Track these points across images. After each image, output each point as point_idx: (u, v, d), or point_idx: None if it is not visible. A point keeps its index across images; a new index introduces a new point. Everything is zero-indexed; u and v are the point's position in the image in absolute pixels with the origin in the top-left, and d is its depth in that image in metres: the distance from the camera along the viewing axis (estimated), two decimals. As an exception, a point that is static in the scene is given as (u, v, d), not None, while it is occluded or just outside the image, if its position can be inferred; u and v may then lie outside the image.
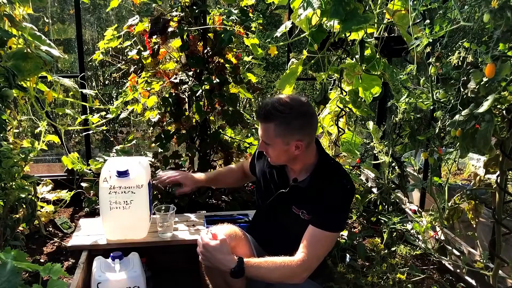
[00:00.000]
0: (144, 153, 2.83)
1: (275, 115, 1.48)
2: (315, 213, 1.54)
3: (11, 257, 0.98)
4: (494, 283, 1.60)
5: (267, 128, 1.50)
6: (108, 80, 5.35)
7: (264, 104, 1.52)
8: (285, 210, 1.64)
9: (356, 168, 2.85)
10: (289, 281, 1.50)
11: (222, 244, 1.47)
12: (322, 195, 1.54)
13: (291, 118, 1.48)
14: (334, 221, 1.54)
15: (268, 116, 1.49)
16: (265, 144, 1.55)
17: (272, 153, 1.55)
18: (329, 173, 1.60)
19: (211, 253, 1.46)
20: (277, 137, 1.50)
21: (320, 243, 1.52)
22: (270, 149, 1.55)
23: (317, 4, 1.69)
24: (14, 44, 2.05)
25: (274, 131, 1.49)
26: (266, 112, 1.49)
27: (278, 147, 1.52)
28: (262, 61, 3.28)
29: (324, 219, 1.52)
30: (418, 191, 2.65)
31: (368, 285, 1.76)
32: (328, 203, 1.53)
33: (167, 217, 2.04)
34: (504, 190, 1.51)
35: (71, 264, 2.09)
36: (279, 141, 1.51)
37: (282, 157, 1.56)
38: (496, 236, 1.55)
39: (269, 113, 1.48)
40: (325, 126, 2.44)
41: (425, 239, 2.01)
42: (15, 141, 2.33)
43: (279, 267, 1.48)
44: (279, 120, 1.48)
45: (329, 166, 1.62)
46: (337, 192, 1.55)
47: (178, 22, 2.44)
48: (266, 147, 1.56)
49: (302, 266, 1.48)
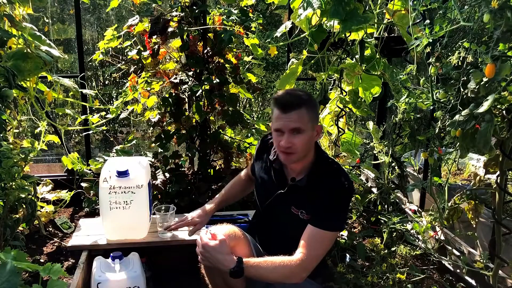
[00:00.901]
0: (144, 153, 2.83)
1: (304, 100, 1.52)
2: (314, 213, 1.54)
3: (11, 257, 0.98)
4: (494, 283, 1.60)
5: (301, 115, 1.50)
6: (108, 80, 5.36)
7: (286, 96, 1.54)
8: (284, 211, 1.63)
9: (356, 168, 2.85)
10: (288, 281, 1.50)
11: (222, 244, 1.47)
12: (320, 194, 1.53)
13: (314, 102, 1.57)
14: (333, 221, 1.53)
15: (299, 103, 1.50)
16: (295, 133, 1.51)
17: (301, 142, 1.51)
18: (327, 172, 1.60)
19: (210, 253, 1.47)
20: (309, 121, 1.52)
21: (319, 243, 1.52)
22: (301, 137, 1.51)
23: (317, 4, 1.68)
24: (14, 44, 2.05)
25: (308, 115, 1.51)
26: (295, 100, 1.51)
27: (309, 134, 1.53)
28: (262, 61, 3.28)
29: (323, 219, 1.52)
30: (418, 191, 2.65)
31: (368, 285, 1.76)
32: (327, 203, 1.52)
33: (167, 217, 2.04)
34: (504, 190, 1.51)
35: (71, 264, 2.09)
36: (310, 125, 1.53)
37: (306, 147, 1.54)
38: (496, 236, 1.55)
39: (298, 101, 1.51)
40: (325, 126, 2.44)
41: (425, 239, 2.01)
42: (15, 141, 2.33)
43: (278, 267, 1.48)
44: (307, 104, 1.52)
45: (327, 165, 1.62)
46: (336, 191, 1.55)
47: (178, 22, 2.44)
48: (295, 138, 1.51)
49: (301, 266, 1.48)
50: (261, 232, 1.76)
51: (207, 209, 1.91)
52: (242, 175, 2.01)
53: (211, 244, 1.47)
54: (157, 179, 2.58)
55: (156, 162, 2.68)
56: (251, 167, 1.92)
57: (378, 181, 2.51)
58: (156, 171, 2.63)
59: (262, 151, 1.80)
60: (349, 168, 2.51)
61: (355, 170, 2.75)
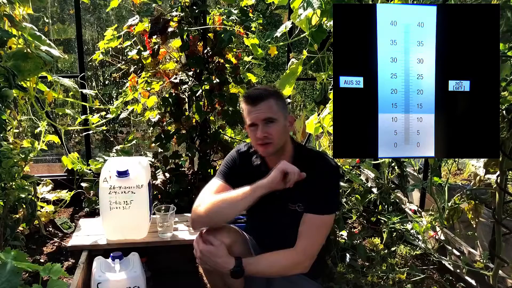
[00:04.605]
0: (144, 153, 2.83)
1: (270, 92, 1.57)
2: (308, 200, 1.54)
3: (11, 257, 0.98)
4: (494, 283, 1.60)
5: (269, 105, 1.54)
6: (108, 80, 5.35)
7: (252, 91, 1.60)
8: (282, 211, 1.61)
9: (356, 168, 2.85)
10: (293, 271, 1.51)
11: (218, 248, 1.47)
12: (311, 179, 1.52)
13: (280, 94, 1.64)
14: (329, 204, 1.54)
15: (266, 95, 1.55)
16: (269, 123, 1.53)
17: (275, 131, 1.53)
18: (311, 157, 1.61)
19: (209, 258, 1.47)
20: (279, 110, 1.55)
21: (318, 228, 1.52)
22: (275, 126, 1.53)
23: (317, 4, 1.68)
24: (14, 44, 2.05)
25: (276, 105, 1.55)
26: (261, 93, 1.56)
27: (281, 123, 1.55)
28: (262, 61, 3.28)
29: (318, 204, 1.52)
30: (418, 191, 2.65)
31: (368, 285, 1.76)
32: (319, 186, 1.53)
33: (167, 217, 2.04)
34: (504, 190, 1.51)
35: (71, 264, 2.09)
36: (281, 114, 1.56)
37: (281, 136, 1.56)
38: (496, 236, 1.55)
39: (265, 92, 1.56)
40: (325, 126, 2.43)
41: (425, 239, 2.01)
42: (15, 141, 2.33)
43: (280, 259, 1.49)
44: (275, 95, 1.57)
45: (308, 151, 1.65)
46: (326, 172, 1.56)
47: (178, 22, 2.44)
48: (269, 128, 1.53)
49: (304, 254, 1.49)
50: (259, 234, 1.71)
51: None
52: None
53: (208, 249, 1.47)
54: (157, 179, 2.58)
55: (156, 162, 2.68)
56: (226, 180, 1.67)
57: (378, 181, 2.51)
58: (156, 171, 2.64)
59: (241, 164, 1.70)
60: (349, 168, 2.51)
61: (355, 170, 2.75)
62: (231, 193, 1.53)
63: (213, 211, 1.51)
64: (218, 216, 1.51)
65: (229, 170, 1.69)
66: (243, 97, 1.60)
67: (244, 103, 1.58)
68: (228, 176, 1.67)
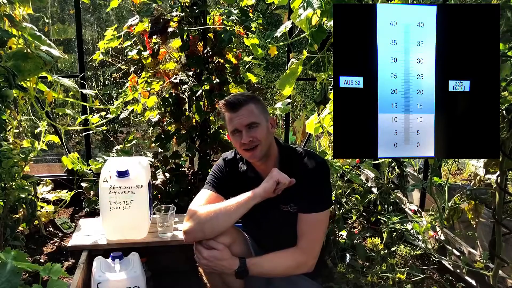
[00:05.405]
0: (144, 153, 2.83)
1: (249, 97, 1.57)
2: (300, 200, 1.53)
3: (11, 257, 0.98)
4: (494, 283, 1.60)
5: (250, 110, 1.53)
6: (108, 80, 5.35)
7: (231, 98, 1.57)
8: (274, 213, 1.60)
9: (356, 168, 2.85)
10: (298, 271, 1.51)
11: (222, 252, 1.48)
12: (300, 178, 1.52)
13: (258, 98, 1.62)
14: (322, 201, 1.54)
15: (245, 100, 1.54)
16: (252, 128, 1.52)
17: (260, 134, 1.53)
18: (297, 156, 1.60)
19: (215, 263, 1.48)
20: (260, 114, 1.55)
21: (316, 227, 1.52)
22: (258, 130, 1.53)
23: (317, 4, 1.68)
24: (14, 44, 2.05)
25: (257, 109, 1.55)
26: (240, 98, 1.55)
27: (264, 125, 1.55)
28: (262, 61, 3.29)
29: (312, 203, 1.52)
30: (418, 191, 2.65)
31: (368, 285, 1.76)
32: (309, 184, 1.52)
33: (167, 217, 2.04)
34: (504, 190, 1.51)
35: (71, 264, 2.09)
36: (263, 117, 1.56)
37: (266, 138, 1.55)
38: (496, 236, 1.55)
39: (244, 98, 1.55)
40: (325, 126, 2.43)
41: (425, 239, 2.01)
42: (15, 141, 2.33)
43: (284, 260, 1.49)
44: (253, 100, 1.57)
45: (293, 151, 1.63)
46: (314, 169, 1.55)
47: (178, 22, 2.44)
48: (253, 132, 1.52)
49: (307, 254, 1.50)
50: (255, 238, 1.72)
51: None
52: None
53: (213, 255, 1.47)
54: (157, 179, 2.58)
55: (156, 162, 2.68)
56: (217, 190, 1.66)
57: (378, 181, 2.51)
58: (156, 171, 2.64)
59: (229, 172, 1.69)
60: (349, 168, 2.51)
61: (355, 170, 2.75)
62: (224, 203, 1.51)
63: (207, 223, 1.48)
64: (213, 228, 1.48)
65: (217, 180, 1.67)
66: (222, 105, 1.56)
67: (224, 111, 1.56)
68: (217, 185, 1.66)
